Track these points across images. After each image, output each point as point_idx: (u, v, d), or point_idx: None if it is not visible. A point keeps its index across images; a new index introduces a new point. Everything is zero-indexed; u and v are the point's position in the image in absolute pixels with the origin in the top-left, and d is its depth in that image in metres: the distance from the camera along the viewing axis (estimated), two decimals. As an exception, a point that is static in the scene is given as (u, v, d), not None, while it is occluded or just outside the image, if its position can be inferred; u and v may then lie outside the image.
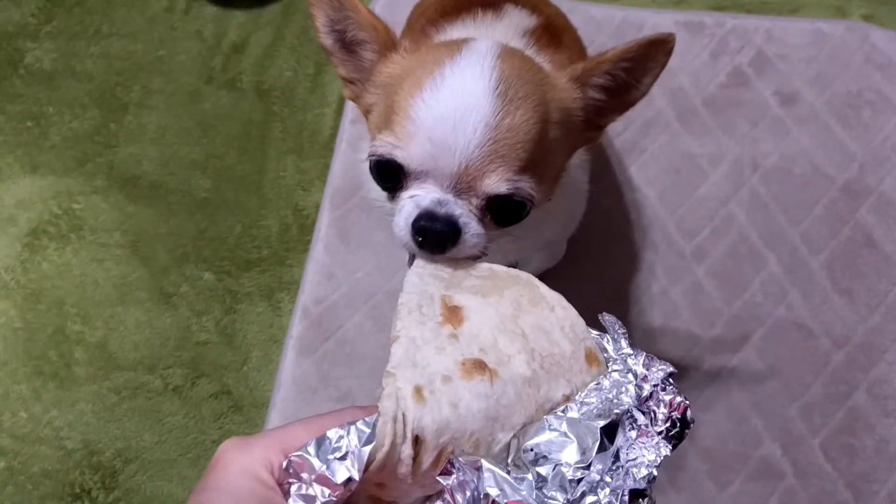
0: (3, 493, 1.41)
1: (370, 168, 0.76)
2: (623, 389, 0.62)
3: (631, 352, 0.65)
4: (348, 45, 0.82)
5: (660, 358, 0.65)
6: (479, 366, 0.61)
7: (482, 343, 0.62)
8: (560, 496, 0.57)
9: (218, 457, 0.58)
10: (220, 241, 1.58)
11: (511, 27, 1.05)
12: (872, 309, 1.41)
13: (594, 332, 0.67)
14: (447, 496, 0.59)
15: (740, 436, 1.34)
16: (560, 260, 1.39)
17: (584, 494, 0.58)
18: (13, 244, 1.61)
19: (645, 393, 0.63)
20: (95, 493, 1.41)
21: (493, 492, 0.57)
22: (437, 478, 0.59)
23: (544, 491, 0.57)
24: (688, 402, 0.63)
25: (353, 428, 0.56)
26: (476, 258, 0.75)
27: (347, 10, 0.79)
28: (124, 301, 1.55)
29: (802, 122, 1.55)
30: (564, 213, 1.04)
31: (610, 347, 0.66)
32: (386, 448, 0.56)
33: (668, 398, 0.63)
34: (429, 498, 0.61)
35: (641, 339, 1.40)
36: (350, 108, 1.66)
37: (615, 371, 0.64)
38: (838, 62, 1.60)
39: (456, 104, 0.71)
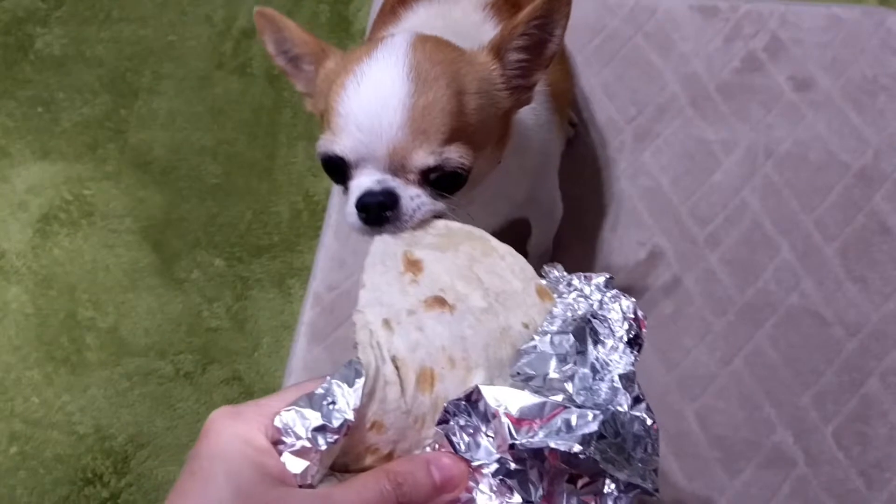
0: (16, 478, 1.42)
1: (322, 167, 0.85)
2: (576, 307, 0.67)
3: (570, 276, 0.70)
4: (295, 62, 0.91)
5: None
6: (440, 301, 0.65)
7: (441, 285, 0.67)
8: (561, 395, 0.60)
9: (208, 425, 0.57)
10: (231, 227, 1.58)
11: (472, 1, 1.09)
12: (886, 296, 1.40)
13: (541, 279, 0.72)
14: (446, 442, 0.60)
15: (752, 423, 1.34)
16: (565, 236, 1.37)
17: (583, 395, 0.61)
18: (24, 230, 1.61)
19: (595, 305, 0.67)
20: (107, 477, 1.42)
21: (500, 408, 0.58)
22: (436, 428, 0.60)
23: (544, 392, 0.60)
24: (634, 300, 0.67)
25: (336, 375, 0.58)
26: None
27: (283, 31, 0.89)
28: (135, 287, 1.55)
29: (817, 108, 1.54)
30: (525, 170, 1.07)
31: (556, 285, 0.71)
32: (373, 368, 0.59)
33: (615, 304, 0.67)
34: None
35: (654, 326, 1.40)
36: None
37: (563, 297, 0.69)
38: (854, 47, 1.58)
39: (375, 94, 0.79)
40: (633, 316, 0.66)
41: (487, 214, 1.04)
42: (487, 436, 0.59)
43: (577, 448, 0.56)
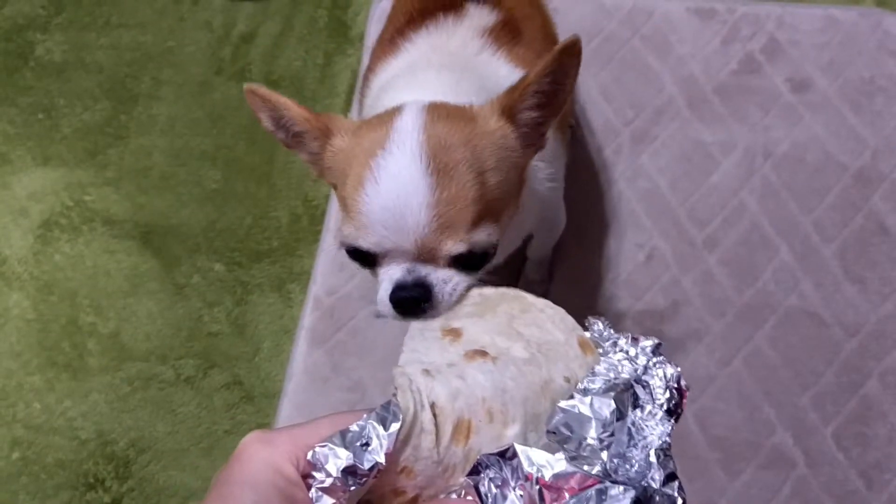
0: (18, 483, 1.43)
1: (348, 256, 0.84)
2: (620, 369, 0.65)
3: (617, 335, 0.68)
4: (298, 138, 0.88)
5: (665, 344, 0.68)
6: (481, 353, 0.64)
7: (482, 343, 0.66)
8: (598, 464, 0.59)
9: (241, 450, 0.57)
10: (231, 232, 1.59)
11: (471, 29, 1.08)
12: (885, 297, 1.41)
13: (584, 331, 0.71)
14: (473, 493, 0.59)
15: (752, 424, 1.34)
16: (564, 239, 1.37)
17: (616, 463, 0.60)
18: (26, 236, 1.62)
19: (640, 370, 0.65)
20: (109, 482, 1.42)
21: (533, 470, 0.57)
22: (467, 478, 0.59)
23: (578, 462, 0.59)
24: (679, 370, 0.65)
25: (373, 415, 0.58)
26: None
27: (279, 110, 0.86)
28: (136, 292, 1.55)
29: (815, 110, 1.54)
30: (536, 200, 1.05)
31: (599, 340, 0.69)
32: (411, 413, 0.58)
33: (660, 371, 0.65)
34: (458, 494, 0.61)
35: (652, 329, 1.40)
36: (358, 99, 1.66)
37: (607, 355, 0.67)
38: (851, 48, 1.58)
39: (396, 193, 0.77)
40: (675, 385, 0.65)
41: (503, 248, 1.04)
42: (516, 491, 0.58)
43: None
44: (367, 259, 0.82)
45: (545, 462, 0.58)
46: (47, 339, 1.53)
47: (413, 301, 0.78)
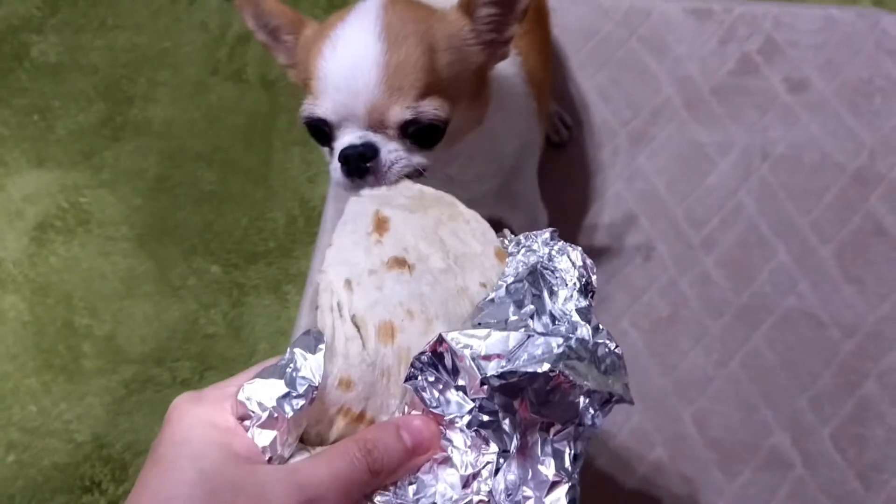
0: (14, 487, 1.42)
1: (308, 131, 0.90)
2: (526, 261, 0.69)
3: (519, 237, 0.73)
4: (275, 34, 0.94)
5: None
6: (400, 262, 0.67)
7: (405, 245, 0.69)
8: (526, 329, 0.60)
9: (170, 412, 0.57)
10: (227, 234, 1.58)
11: None
12: (883, 297, 1.40)
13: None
14: (417, 399, 0.59)
15: (749, 426, 1.34)
16: (556, 225, 1.35)
17: (545, 328, 0.62)
18: (21, 238, 1.61)
19: (544, 257, 0.69)
20: (106, 485, 1.42)
21: (467, 351, 0.58)
22: (405, 384, 0.60)
23: (508, 330, 0.60)
24: (581, 249, 0.69)
25: (296, 345, 0.59)
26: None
27: (260, 4, 0.92)
28: (132, 294, 1.55)
29: (812, 110, 1.54)
30: (510, 130, 1.08)
31: (509, 248, 0.73)
32: (330, 326, 0.60)
33: (563, 256, 0.68)
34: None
35: (650, 329, 1.40)
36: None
37: (513, 255, 0.71)
38: (849, 49, 1.58)
39: (350, 55, 0.83)
40: (581, 264, 0.68)
41: (470, 179, 1.05)
42: (458, 388, 0.59)
43: (546, 367, 0.57)
44: (324, 133, 0.87)
45: (474, 338, 0.58)
46: (43, 341, 1.52)
47: (359, 157, 0.83)
